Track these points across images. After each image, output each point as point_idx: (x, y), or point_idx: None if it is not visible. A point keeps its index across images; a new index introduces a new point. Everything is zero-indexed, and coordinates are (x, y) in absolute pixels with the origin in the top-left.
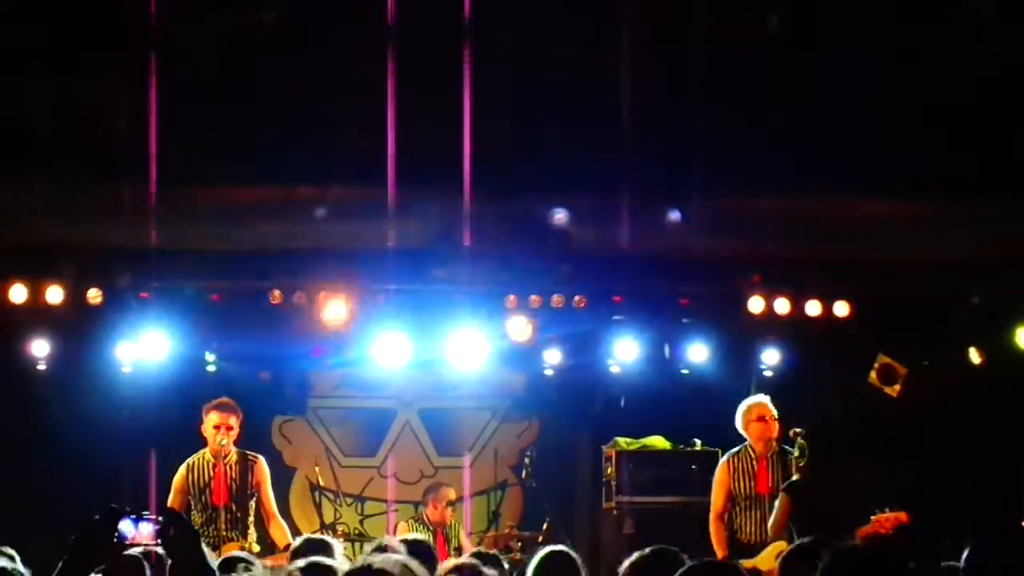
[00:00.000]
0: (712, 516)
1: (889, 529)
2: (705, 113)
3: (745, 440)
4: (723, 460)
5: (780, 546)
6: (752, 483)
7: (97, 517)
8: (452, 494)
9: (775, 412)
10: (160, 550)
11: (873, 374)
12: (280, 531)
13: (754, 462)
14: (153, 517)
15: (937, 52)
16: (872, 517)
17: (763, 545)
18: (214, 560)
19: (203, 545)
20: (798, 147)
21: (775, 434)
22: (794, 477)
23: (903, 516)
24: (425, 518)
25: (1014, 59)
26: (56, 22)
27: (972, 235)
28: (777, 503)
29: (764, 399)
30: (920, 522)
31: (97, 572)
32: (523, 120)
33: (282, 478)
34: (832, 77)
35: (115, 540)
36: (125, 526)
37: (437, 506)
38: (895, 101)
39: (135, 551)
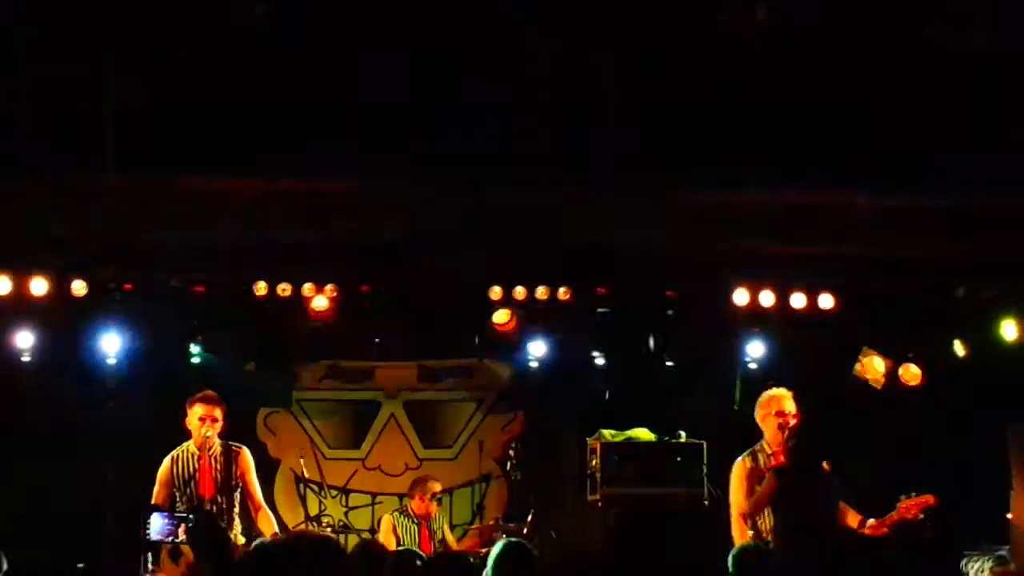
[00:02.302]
0: (735, 515)
1: (916, 514)
2: (691, 107)
3: (762, 435)
4: (739, 459)
5: None
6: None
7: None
8: (438, 487)
9: (791, 408)
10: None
11: (858, 366)
12: (267, 521)
13: (769, 457)
14: (184, 515)
15: (929, 46)
16: (898, 504)
17: None
18: None
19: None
20: (784, 141)
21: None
22: (781, 461)
23: (930, 499)
24: (410, 511)
25: (1007, 55)
26: (38, 13)
27: (958, 229)
28: (764, 482)
29: (783, 392)
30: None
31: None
32: (508, 112)
33: (267, 470)
34: (821, 71)
35: (146, 536)
36: (156, 522)
37: (423, 499)
38: (882, 95)
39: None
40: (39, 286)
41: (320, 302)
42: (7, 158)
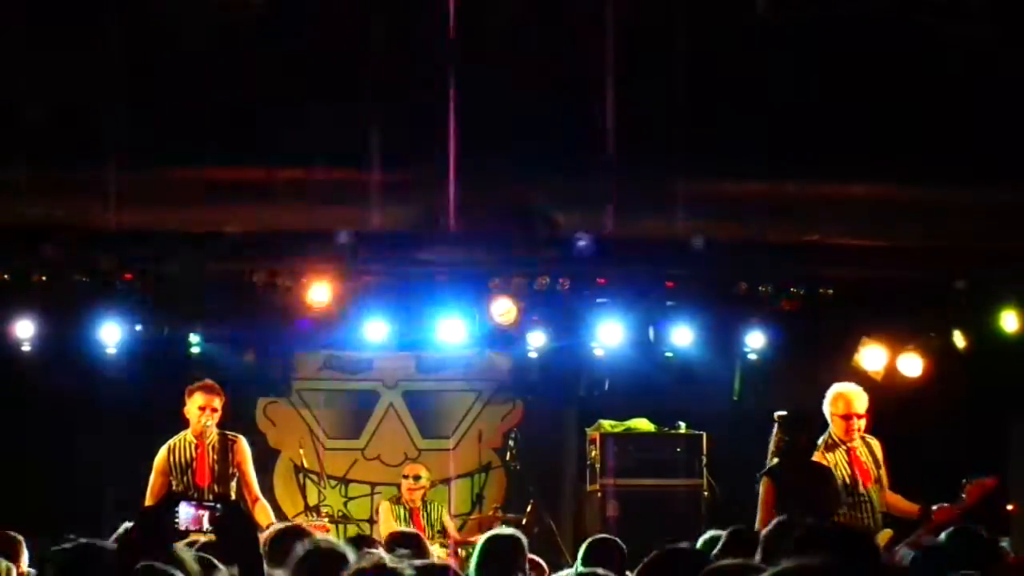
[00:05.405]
0: None
1: (977, 497)
2: (690, 96)
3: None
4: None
5: (888, 534)
6: (854, 470)
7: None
8: (419, 470)
9: (863, 408)
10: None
11: (857, 357)
12: (264, 512)
13: (846, 452)
14: (211, 503)
15: (926, 37)
16: (966, 489)
17: None
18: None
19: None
20: (783, 130)
21: (857, 435)
22: (773, 462)
23: (988, 482)
24: (402, 499)
25: (1005, 46)
26: (37, 2)
27: (957, 220)
28: (760, 490)
29: (852, 390)
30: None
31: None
32: (508, 103)
33: (266, 460)
34: (818, 59)
35: (174, 525)
36: (184, 511)
37: (406, 484)
38: (882, 85)
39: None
40: (39, 275)
41: (319, 292)
42: (6, 146)
